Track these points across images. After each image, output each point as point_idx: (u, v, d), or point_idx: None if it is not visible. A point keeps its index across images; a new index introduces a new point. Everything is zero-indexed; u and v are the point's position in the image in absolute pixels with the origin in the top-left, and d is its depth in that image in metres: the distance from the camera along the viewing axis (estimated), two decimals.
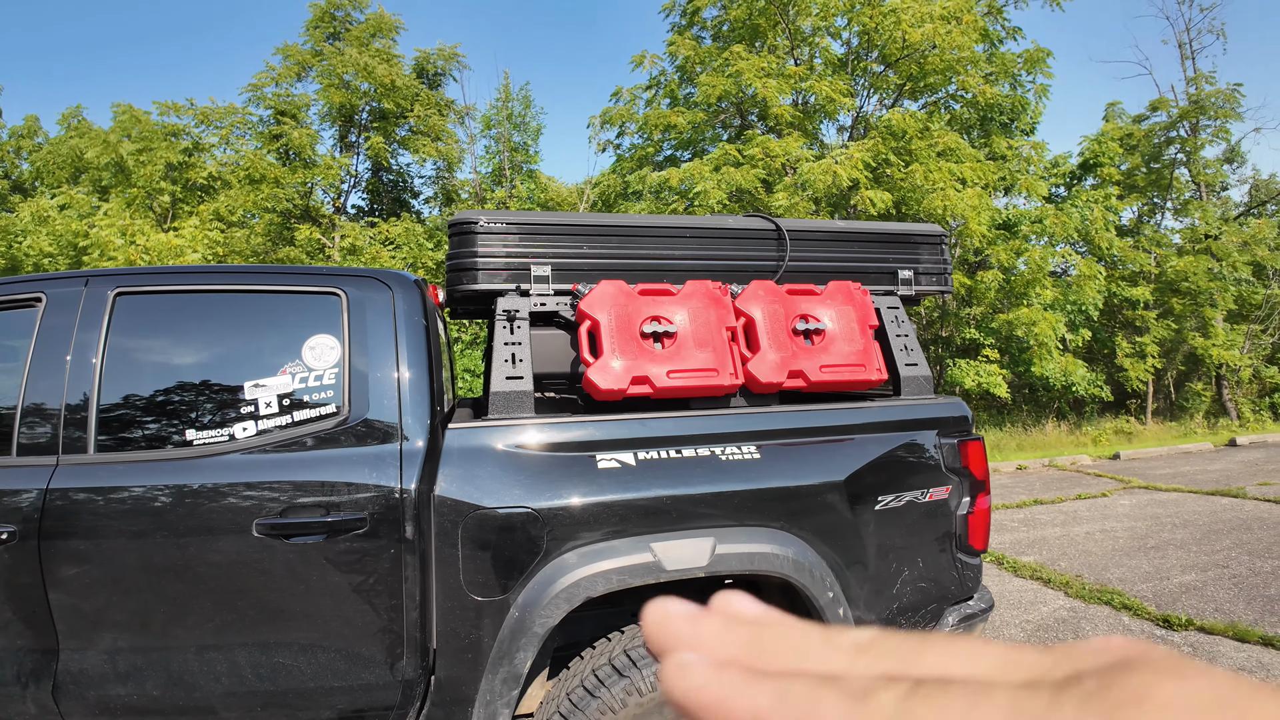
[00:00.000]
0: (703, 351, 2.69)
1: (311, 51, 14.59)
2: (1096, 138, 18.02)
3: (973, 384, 14.63)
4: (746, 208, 13.40)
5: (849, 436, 2.78)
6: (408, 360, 2.52)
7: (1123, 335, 17.67)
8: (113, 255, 11.66)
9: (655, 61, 15.72)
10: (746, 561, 2.47)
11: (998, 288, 14.76)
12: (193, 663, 2.27)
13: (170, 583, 2.24)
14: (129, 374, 2.45)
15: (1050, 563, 6.53)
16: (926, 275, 3.36)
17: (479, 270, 2.73)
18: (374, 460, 2.35)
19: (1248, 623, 4.88)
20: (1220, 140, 18.26)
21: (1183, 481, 10.21)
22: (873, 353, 2.97)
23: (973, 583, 2.97)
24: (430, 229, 15.51)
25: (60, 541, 2.21)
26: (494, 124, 18.92)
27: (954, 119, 15.25)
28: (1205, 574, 6.00)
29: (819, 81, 13.70)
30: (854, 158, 12.39)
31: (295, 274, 2.67)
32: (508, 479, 2.38)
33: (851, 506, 2.67)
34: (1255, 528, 7.42)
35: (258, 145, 13.89)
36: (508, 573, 2.33)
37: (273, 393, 2.43)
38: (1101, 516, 8.32)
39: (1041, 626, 5.05)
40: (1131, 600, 5.38)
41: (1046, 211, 15.41)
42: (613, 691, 2.24)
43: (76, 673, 2.23)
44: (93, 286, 2.51)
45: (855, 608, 2.67)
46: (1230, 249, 16.91)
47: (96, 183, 14.78)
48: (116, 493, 2.26)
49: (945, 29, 13.08)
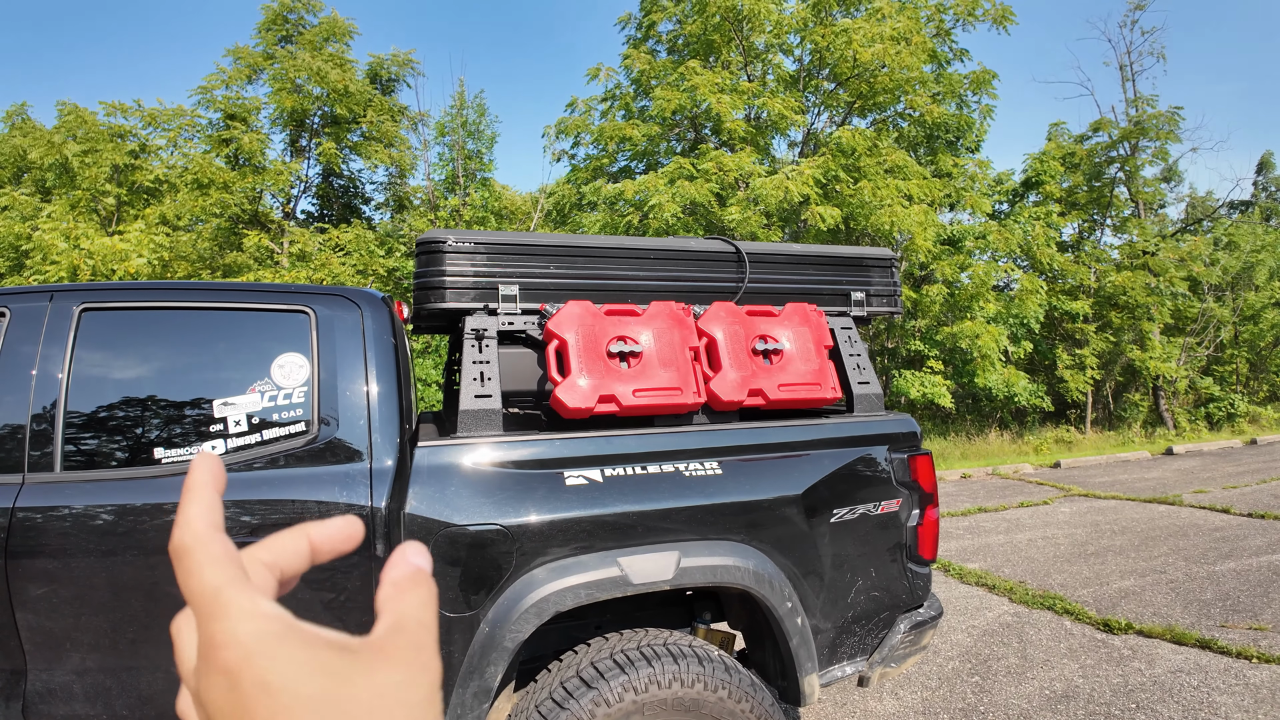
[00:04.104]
0: (667, 371, 2.77)
1: (263, 54, 14.38)
2: (1039, 156, 18.56)
3: (918, 394, 14.95)
4: (700, 221, 13.55)
5: (805, 452, 2.88)
6: (377, 378, 2.55)
7: (1063, 347, 18.19)
8: (55, 259, 11.36)
9: (611, 74, 15.83)
10: (710, 574, 2.55)
11: (942, 301, 15.11)
12: (161, 682, 2.27)
13: (139, 602, 2.24)
14: (96, 391, 2.43)
15: (994, 569, 6.73)
16: (877, 297, 3.49)
17: (447, 289, 2.77)
18: (344, 479, 2.38)
19: (1185, 626, 5.11)
20: (1159, 160, 18.92)
21: (1121, 489, 10.56)
22: (828, 372, 3.08)
23: (923, 591, 3.10)
24: (381, 236, 15.38)
25: (27, 560, 2.20)
26: (448, 131, 18.84)
27: (902, 137, 15.60)
28: (1144, 579, 6.24)
29: (772, 98, 13.92)
30: (805, 174, 12.61)
31: (264, 292, 2.67)
32: (477, 496, 2.42)
33: (808, 519, 2.76)
34: (1191, 534, 7.73)
35: (206, 149, 13.64)
36: (478, 589, 2.38)
37: (242, 411, 2.44)
38: (1043, 524, 8.58)
39: (987, 632, 5.21)
40: (1073, 605, 5.58)
41: (990, 228, 15.86)
42: (581, 703, 2.29)
43: (45, 692, 2.21)
44: (58, 302, 2.49)
45: (812, 617, 2.76)
46: (1167, 265, 17.52)
47: (40, 184, 14.40)
48: (84, 511, 2.25)
49: (895, 49, 13.38)
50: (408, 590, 0.37)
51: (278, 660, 0.32)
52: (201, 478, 0.38)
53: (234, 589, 0.33)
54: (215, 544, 0.35)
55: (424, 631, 0.36)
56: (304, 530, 0.41)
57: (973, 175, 15.92)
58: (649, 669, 2.37)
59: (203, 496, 0.37)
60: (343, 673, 0.32)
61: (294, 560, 0.40)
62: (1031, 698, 4.20)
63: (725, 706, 2.43)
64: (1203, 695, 4.16)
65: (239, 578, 0.34)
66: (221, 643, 0.32)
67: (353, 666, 0.33)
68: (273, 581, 0.39)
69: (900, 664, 3.02)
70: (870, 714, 4.12)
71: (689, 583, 2.53)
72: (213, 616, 0.33)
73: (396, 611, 0.36)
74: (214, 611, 0.33)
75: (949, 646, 4.99)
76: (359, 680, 0.32)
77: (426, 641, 0.35)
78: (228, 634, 0.32)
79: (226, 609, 0.33)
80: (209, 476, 0.38)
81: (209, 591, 0.33)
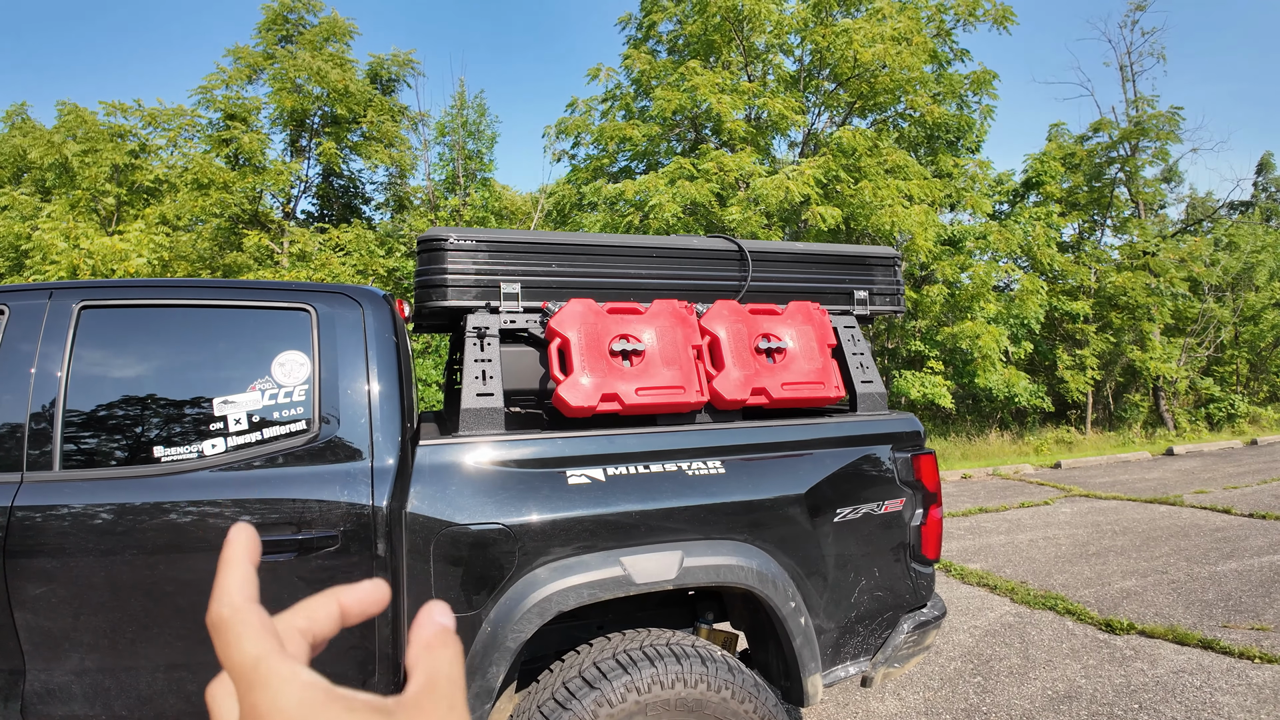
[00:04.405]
0: (670, 369, 2.76)
1: (263, 54, 14.36)
2: (1040, 157, 18.55)
3: (918, 395, 14.93)
4: (701, 221, 13.54)
5: (809, 451, 2.86)
6: (378, 376, 2.54)
7: (1063, 348, 18.18)
8: (55, 259, 11.34)
9: (611, 74, 15.81)
10: (713, 574, 2.54)
11: (943, 301, 15.09)
12: (161, 682, 2.25)
13: (139, 601, 2.22)
14: (95, 389, 2.41)
15: (996, 569, 6.72)
16: (880, 295, 3.48)
17: (449, 287, 2.76)
18: (345, 478, 2.36)
19: (1187, 626, 5.09)
20: (1159, 161, 18.92)
21: (1122, 490, 10.55)
22: (831, 370, 3.07)
23: (926, 591, 3.08)
24: (381, 236, 15.37)
25: (25, 560, 2.18)
26: (448, 131, 18.84)
27: (902, 137, 15.59)
28: (1145, 579, 6.23)
29: (772, 98, 13.91)
30: (805, 174, 12.60)
31: (265, 289, 2.65)
32: (479, 496, 2.41)
33: (811, 519, 2.75)
34: (1192, 534, 7.72)
35: (206, 149, 13.63)
36: (480, 588, 2.36)
37: (242, 409, 2.42)
38: (1044, 524, 8.57)
39: (989, 632, 5.20)
40: (1075, 605, 5.57)
41: (991, 228, 15.84)
42: (583, 703, 2.28)
43: (44, 693, 2.20)
44: (57, 299, 2.47)
45: (816, 616, 2.75)
46: (1167, 265, 17.51)
47: (39, 183, 14.39)
48: (83, 510, 2.24)
49: (895, 50, 13.38)
50: (437, 649, 0.39)
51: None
52: (237, 552, 0.40)
53: (274, 659, 0.35)
54: (252, 615, 0.37)
55: (455, 689, 0.38)
56: (334, 595, 0.43)
57: (973, 176, 15.90)
58: (652, 669, 2.36)
59: (239, 570, 0.39)
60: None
61: (326, 624, 0.42)
62: (1034, 698, 4.19)
63: (728, 707, 2.42)
64: (1205, 695, 4.14)
65: (277, 648, 0.36)
66: (265, 712, 0.34)
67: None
68: (306, 647, 0.41)
69: (904, 664, 3.01)
70: (872, 714, 4.10)
71: (692, 582, 2.52)
72: (254, 686, 0.34)
73: (428, 670, 0.38)
74: (255, 681, 0.34)
75: (951, 647, 4.98)
76: None
77: (458, 699, 0.38)
78: (270, 704, 0.34)
79: (268, 679, 0.34)
80: (244, 550, 0.41)
81: (249, 662, 0.35)
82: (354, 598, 0.43)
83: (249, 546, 0.41)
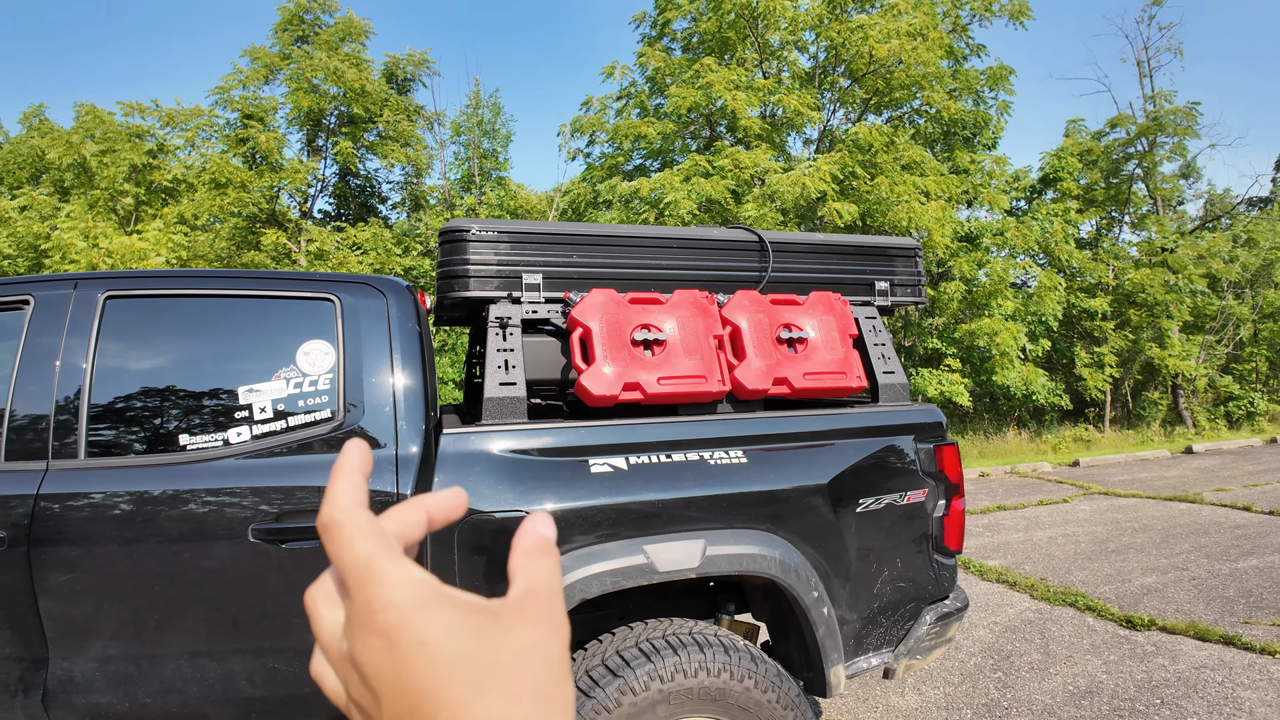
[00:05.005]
0: (691, 359, 2.76)
1: (279, 54, 14.43)
2: (1057, 153, 18.42)
3: (935, 393, 14.86)
4: (716, 218, 13.52)
5: (831, 442, 2.86)
6: (402, 366, 2.55)
7: (1081, 345, 18.05)
8: (75, 258, 11.45)
9: (625, 72, 15.80)
10: (735, 563, 2.53)
11: (960, 299, 15.02)
12: (185, 669, 2.27)
13: (162, 589, 2.24)
14: (120, 378, 2.43)
15: (1015, 566, 6.68)
16: (901, 286, 3.46)
17: (471, 278, 2.77)
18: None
19: (1208, 622, 5.05)
20: (1177, 156, 18.75)
21: (1141, 487, 10.47)
22: (853, 361, 3.06)
23: (948, 582, 3.07)
24: (398, 235, 15.42)
25: (50, 548, 2.20)
26: (464, 130, 18.88)
27: (918, 133, 15.52)
28: (1165, 576, 6.18)
29: (787, 95, 13.87)
30: (821, 170, 12.55)
31: (289, 279, 2.67)
32: (502, 484, 2.42)
33: (834, 509, 2.74)
34: (1212, 531, 7.65)
35: (224, 148, 13.71)
36: (504, 576, 2.36)
37: (267, 398, 2.44)
38: (1063, 521, 8.51)
39: (1009, 628, 5.17)
40: (1095, 602, 5.53)
41: (1008, 224, 15.73)
42: (607, 691, 2.28)
43: (67, 681, 2.21)
44: (82, 289, 2.49)
45: (838, 607, 2.74)
46: (1186, 262, 17.35)
47: (58, 184, 14.51)
48: (108, 498, 2.25)
49: (911, 45, 13.31)
50: (538, 558, 0.41)
51: (432, 621, 0.35)
52: (351, 461, 0.42)
53: (386, 558, 0.37)
54: (363, 518, 0.38)
55: (555, 595, 0.40)
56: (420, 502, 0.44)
57: (990, 172, 15.79)
58: (675, 658, 2.36)
59: (351, 478, 0.41)
60: (488, 632, 0.36)
61: (415, 530, 0.43)
62: (1055, 693, 4.16)
63: (751, 696, 2.41)
64: (1227, 691, 4.11)
65: (389, 548, 0.38)
66: (379, 607, 0.35)
67: (496, 626, 0.36)
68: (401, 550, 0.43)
69: (926, 656, 3.00)
70: (893, 709, 4.09)
71: (714, 571, 2.51)
72: (368, 583, 0.36)
73: (530, 577, 0.40)
74: (369, 579, 0.36)
75: (971, 643, 4.95)
76: (502, 638, 0.36)
77: (557, 604, 0.39)
78: (385, 599, 0.35)
79: (382, 576, 0.36)
80: (357, 460, 0.42)
81: (363, 561, 0.37)
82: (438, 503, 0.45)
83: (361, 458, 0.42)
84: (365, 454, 0.43)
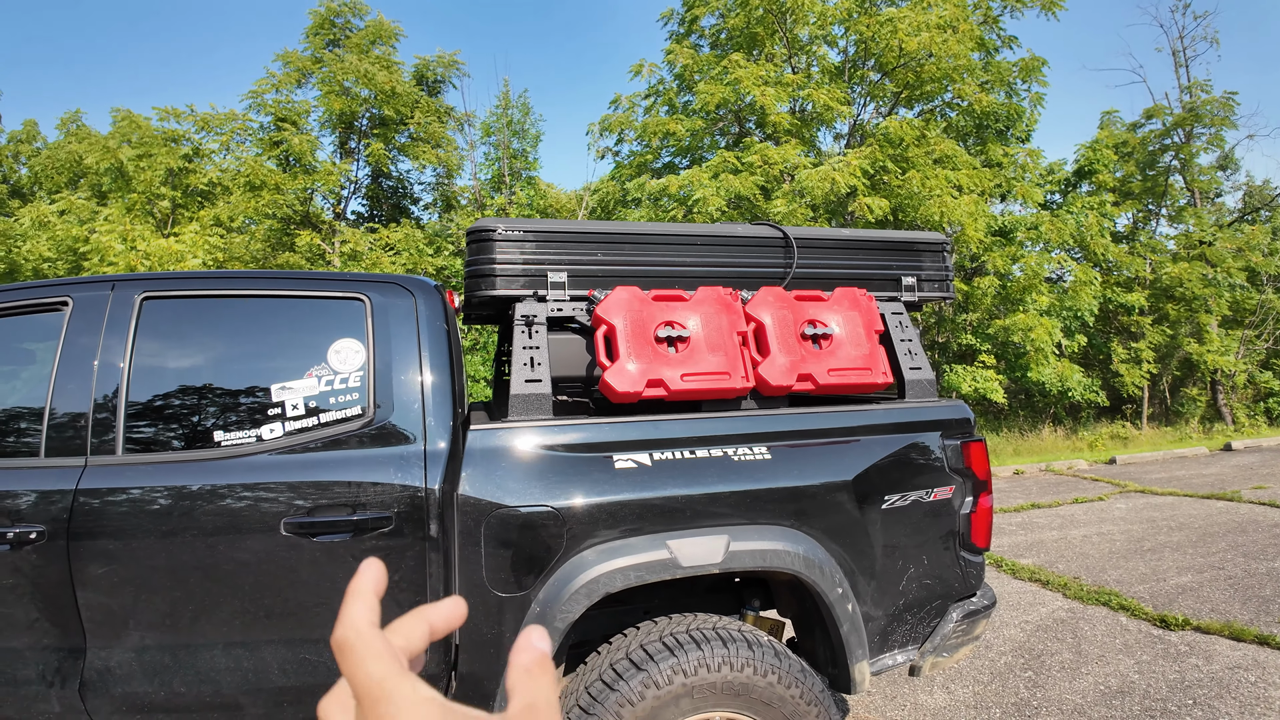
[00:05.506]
0: (715, 355, 2.77)
1: (311, 58, 14.63)
2: (1092, 145, 18.14)
3: (969, 389, 14.71)
4: (745, 215, 13.48)
5: (856, 438, 2.85)
6: (430, 363, 2.59)
7: (1118, 341, 17.78)
8: (113, 261, 11.67)
9: (654, 70, 15.81)
10: (759, 558, 2.54)
11: (994, 294, 14.85)
12: (219, 660, 2.32)
13: (197, 581, 2.29)
14: (156, 377, 2.50)
15: (1048, 565, 6.61)
16: (929, 282, 3.45)
17: (497, 276, 2.80)
18: (399, 461, 2.42)
19: (1243, 622, 4.97)
20: (1214, 148, 18.41)
21: (1178, 485, 10.31)
22: (878, 357, 3.05)
23: (975, 580, 3.05)
24: (430, 235, 15.55)
25: (89, 541, 2.26)
26: (493, 131, 19.00)
27: (950, 127, 15.34)
28: (1201, 575, 6.09)
29: (816, 90, 13.79)
30: (851, 165, 12.47)
31: (320, 279, 2.73)
32: (528, 479, 2.45)
33: (859, 506, 2.74)
34: (1250, 530, 7.52)
35: (258, 151, 13.92)
36: (529, 570, 2.40)
37: (299, 395, 2.49)
38: (1098, 520, 8.41)
39: (1041, 627, 5.12)
40: (1129, 601, 5.46)
41: (1042, 218, 15.51)
42: (630, 684, 2.30)
43: (103, 671, 2.28)
44: (119, 290, 2.57)
45: (863, 604, 2.74)
46: (1224, 255, 17.04)
47: (96, 188, 14.79)
48: (145, 493, 2.31)
49: (941, 38, 13.19)
50: (537, 674, 0.43)
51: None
52: (365, 583, 0.45)
53: (397, 678, 0.39)
54: (375, 639, 0.41)
55: (553, 711, 0.42)
56: (422, 613, 0.48)
57: (1023, 165, 15.56)
58: (698, 652, 2.38)
59: (364, 599, 0.44)
60: None
61: (419, 642, 0.46)
62: (1086, 693, 4.12)
63: (775, 691, 2.42)
64: (1260, 691, 4.05)
65: (399, 668, 0.40)
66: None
67: None
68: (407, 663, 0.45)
69: (952, 654, 2.98)
70: (921, 707, 4.07)
71: (738, 566, 2.53)
72: (379, 702, 0.38)
73: (529, 694, 0.42)
74: (380, 697, 0.38)
75: (1001, 641, 4.91)
76: None
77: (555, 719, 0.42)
78: (393, 717, 0.38)
79: (391, 695, 0.38)
80: (370, 583, 0.46)
81: (375, 680, 0.39)
82: (440, 614, 0.48)
83: (375, 579, 0.46)
84: (380, 575, 0.47)
